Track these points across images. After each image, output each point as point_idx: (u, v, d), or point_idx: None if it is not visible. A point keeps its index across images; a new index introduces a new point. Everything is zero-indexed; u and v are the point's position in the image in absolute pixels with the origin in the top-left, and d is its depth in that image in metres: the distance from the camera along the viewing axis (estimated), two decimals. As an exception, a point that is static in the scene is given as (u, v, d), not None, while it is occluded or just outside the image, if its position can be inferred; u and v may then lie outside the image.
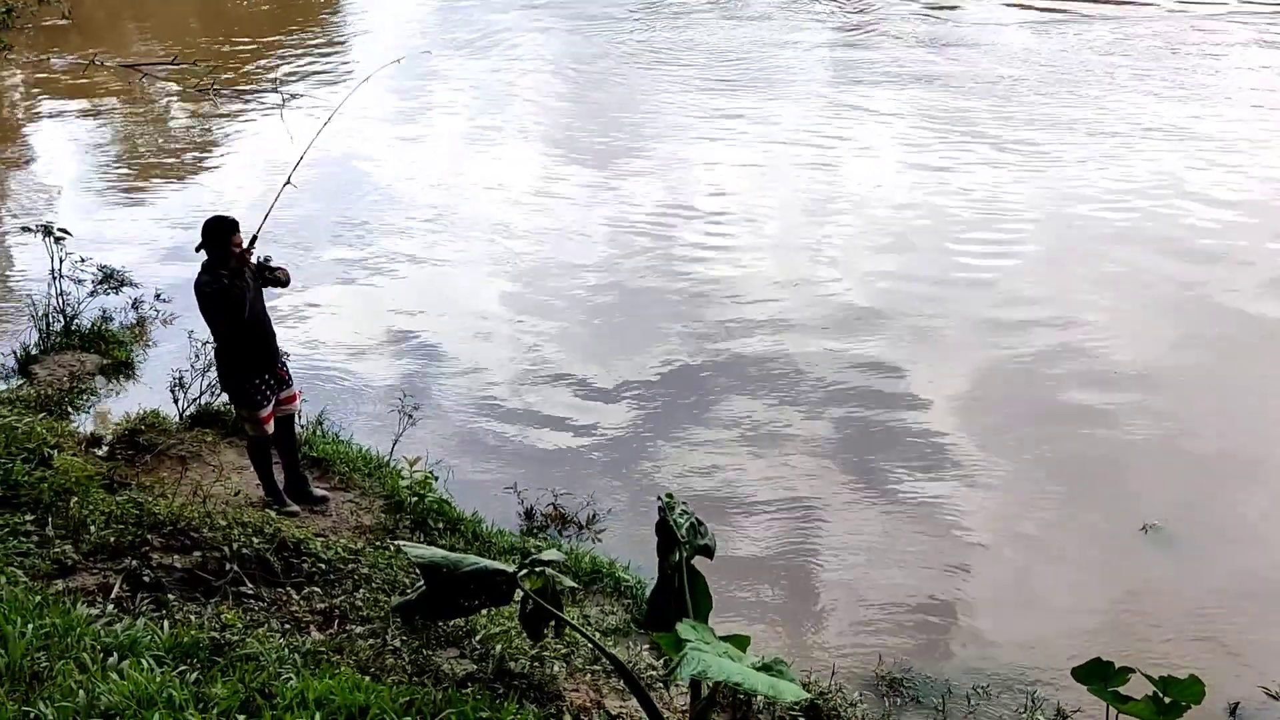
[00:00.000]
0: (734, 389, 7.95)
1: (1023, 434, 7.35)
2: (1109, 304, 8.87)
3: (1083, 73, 14.43)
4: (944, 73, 14.70)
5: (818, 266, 9.73)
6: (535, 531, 6.46)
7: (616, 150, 12.57)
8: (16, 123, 15.36)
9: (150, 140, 14.23)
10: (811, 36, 16.84)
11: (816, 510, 6.67)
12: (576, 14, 19.13)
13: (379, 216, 11.16)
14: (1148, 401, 7.57)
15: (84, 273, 8.79)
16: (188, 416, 7.22)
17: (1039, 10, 17.48)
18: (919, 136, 12.54)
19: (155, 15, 21.77)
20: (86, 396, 7.74)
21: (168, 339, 8.54)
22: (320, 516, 6.26)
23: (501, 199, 11.46)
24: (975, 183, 11.22)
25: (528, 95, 15.01)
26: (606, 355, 8.47)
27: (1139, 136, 12.17)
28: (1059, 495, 6.73)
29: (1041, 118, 12.82)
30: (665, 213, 10.84)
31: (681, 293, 9.31)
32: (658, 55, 16.44)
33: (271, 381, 6.02)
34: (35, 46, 17.70)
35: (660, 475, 7.06)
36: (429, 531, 5.89)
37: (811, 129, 12.84)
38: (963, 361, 8.21)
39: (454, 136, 13.51)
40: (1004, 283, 9.29)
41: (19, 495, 5.08)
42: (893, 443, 7.31)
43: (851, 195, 11.12)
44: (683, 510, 3.07)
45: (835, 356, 8.26)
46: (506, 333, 8.86)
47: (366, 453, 6.95)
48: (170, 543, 4.94)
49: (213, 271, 5.75)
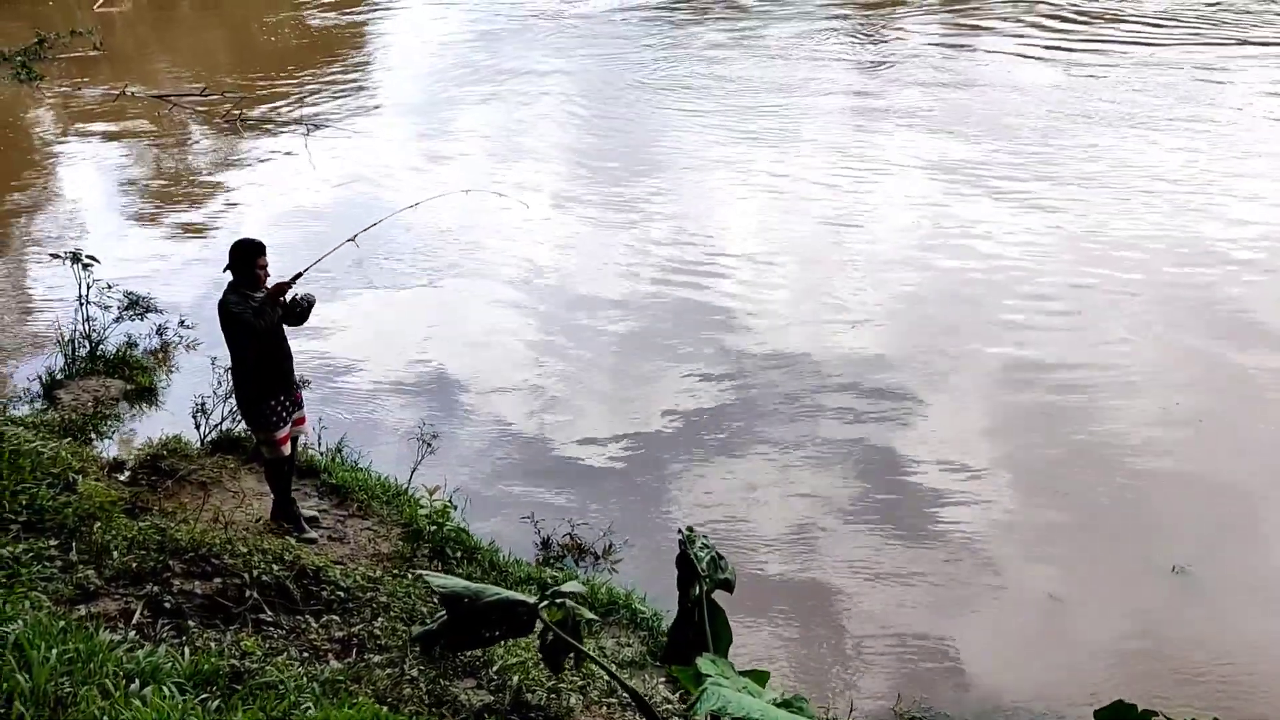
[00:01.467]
0: (750, 422, 7.95)
1: (1043, 470, 7.31)
2: (1132, 344, 8.79)
3: (1103, 113, 14.38)
4: (961, 112, 14.70)
5: (835, 301, 9.72)
6: (551, 561, 6.46)
7: (636, 185, 12.65)
8: (47, 151, 15.63)
9: (177, 169, 14.45)
10: (832, 74, 16.93)
11: (832, 544, 6.65)
12: (602, 51, 19.36)
13: (398, 245, 11.26)
14: (1173, 442, 7.50)
15: (110, 299, 8.91)
16: (209, 442, 7.29)
17: (1053, 46, 17.50)
18: (938, 175, 12.53)
19: (184, 48, 22.16)
20: (110, 422, 7.83)
21: (190, 365, 8.63)
22: (338, 544, 6.29)
23: (521, 230, 11.54)
24: (992, 221, 11.17)
25: (550, 127, 15.16)
26: (623, 387, 8.51)
27: (1155, 178, 12.07)
28: (1082, 533, 6.67)
29: (1061, 159, 12.74)
30: (684, 247, 10.88)
31: (699, 326, 9.33)
32: (681, 92, 16.58)
33: (287, 403, 6.08)
34: (67, 77, 18.05)
35: (676, 506, 7.06)
36: (447, 560, 5.90)
37: (830, 167, 12.85)
38: (982, 397, 8.18)
39: (473, 166, 13.63)
40: (1022, 323, 9.22)
41: (44, 520, 5.13)
42: (910, 477, 7.28)
43: (870, 230, 11.11)
44: (703, 544, 3.07)
45: (852, 390, 8.26)
46: (524, 363, 8.90)
47: (385, 480, 6.98)
48: (191, 569, 4.97)
49: (239, 292, 5.83)
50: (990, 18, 19.83)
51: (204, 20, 26.19)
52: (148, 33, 23.72)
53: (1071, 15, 19.27)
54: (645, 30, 20.74)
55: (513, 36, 20.74)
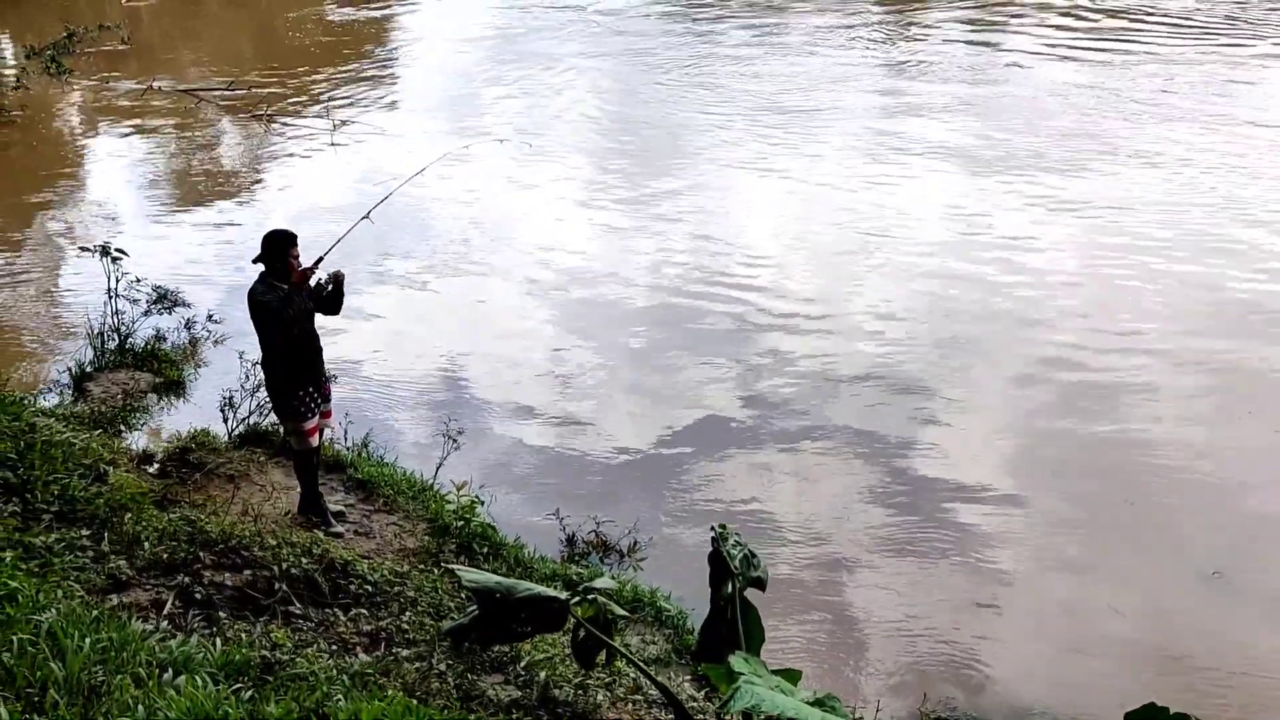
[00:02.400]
0: (772, 420, 7.93)
1: (1073, 473, 7.24)
2: (1161, 344, 8.70)
3: (1129, 111, 14.24)
4: (986, 111, 14.55)
5: (858, 302, 9.66)
6: (576, 558, 6.47)
7: (658, 184, 12.61)
8: (77, 145, 15.79)
9: (204, 163, 14.55)
10: (857, 72, 16.83)
11: (856, 543, 6.62)
12: (624, 48, 19.34)
13: (421, 243, 11.31)
14: (1206, 444, 7.41)
15: (139, 292, 8.97)
16: (236, 436, 7.33)
17: (1079, 45, 17.31)
18: (963, 176, 12.41)
19: (211, 43, 22.32)
20: (139, 414, 7.89)
21: (218, 359, 8.68)
22: (364, 538, 6.32)
23: (546, 229, 11.55)
24: (1018, 223, 11.04)
25: (573, 125, 15.16)
26: (646, 385, 8.50)
27: (1186, 178, 11.91)
28: (1113, 536, 6.61)
29: (1085, 160, 12.59)
30: (706, 247, 10.85)
31: (720, 326, 9.31)
32: (704, 90, 16.54)
33: (315, 395, 6.10)
34: (95, 71, 18.21)
35: (698, 503, 7.06)
36: (474, 556, 5.91)
37: (854, 168, 12.74)
38: (1008, 400, 8.12)
39: (499, 165, 13.65)
40: (1049, 322, 9.14)
41: (76, 510, 5.18)
42: (936, 476, 7.24)
43: (894, 231, 11.01)
44: (736, 541, 3.07)
45: (876, 391, 8.22)
46: (547, 360, 8.91)
47: (410, 476, 7.00)
48: (221, 560, 5.01)
49: (267, 282, 5.85)
50: (1016, 15, 19.68)
51: (229, 15, 26.36)
52: (174, 27, 23.90)
53: (1097, 13, 19.09)
54: (667, 27, 20.70)
55: (536, 33, 20.75)
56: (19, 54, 17.10)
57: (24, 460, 5.32)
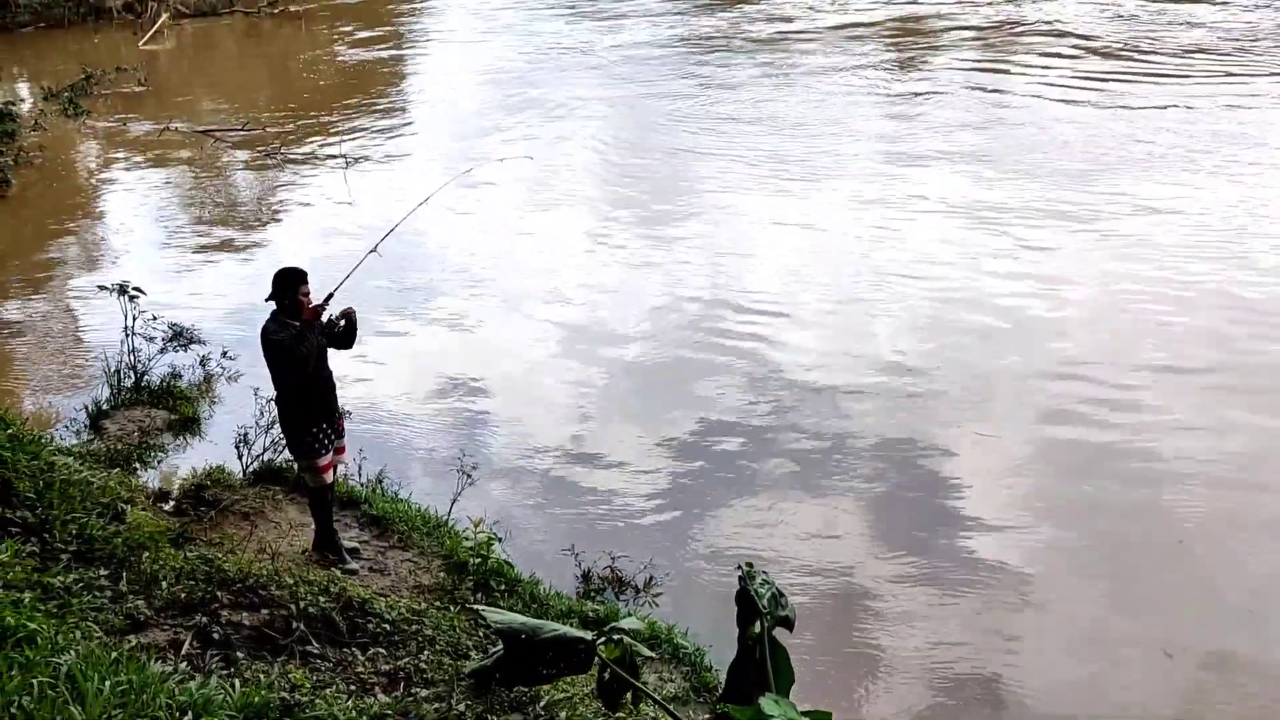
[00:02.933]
0: (783, 455, 7.89)
1: (1099, 509, 7.16)
2: (1168, 384, 8.57)
3: (1139, 151, 14.03)
4: (994, 150, 14.46)
5: (867, 339, 9.59)
6: (592, 594, 6.41)
7: (667, 222, 12.64)
8: (94, 185, 15.96)
9: (220, 201, 14.70)
10: (865, 111, 16.88)
11: (878, 578, 6.56)
12: (634, 85, 19.53)
13: (434, 279, 11.37)
14: (1226, 480, 7.34)
15: (155, 330, 9.02)
16: (251, 472, 7.34)
17: (1086, 84, 17.27)
18: (970, 216, 12.25)
19: (226, 83, 22.62)
20: (155, 452, 7.91)
21: (233, 396, 8.71)
22: (379, 575, 6.29)
23: (554, 264, 11.60)
24: (1029, 261, 10.88)
25: (583, 163, 15.27)
26: (657, 420, 8.47)
27: (1194, 222, 11.58)
28: (1140, 570, 6.54)
29: (1095, 200, 12.32)
30: (715, 284, 10.85)
31: (731, 362, 9.27)
32: (712, 127, 16.66)
33: (329, 430, 6.10)
34: (112, 112, 18.45)
35: (715, 540, 7.01)
36: (491, 593, 5.88)
37: (863, 207, 12.61)
38: (1022, 435, 8.05)
39: (510, 201, 13.74)
40: (1056, 358, 9.06)
41: (94, 550, 5.16)
42: (945, 511, 7.19)
43: (900, 270, 10.88)
44: (764, 580, 3.01)
45: (885, 426, 8.16)
46: (560, 396, 8.91)
47: (425, 512, 6.98)
48: (239, 600, 4.98)
49: (279, 320, 5.87)
50: (1022, 53, 19.75)
51: (245, 56, 26.76)
52: (191, 69, 24.25)
53: (1104, 51, 19.09)
54: (676, 64, 20.90)
55: (544, 71, 20.98)
56: (37, 96, 17.35)
57: (43, 499, 5.31)
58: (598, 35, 24.03)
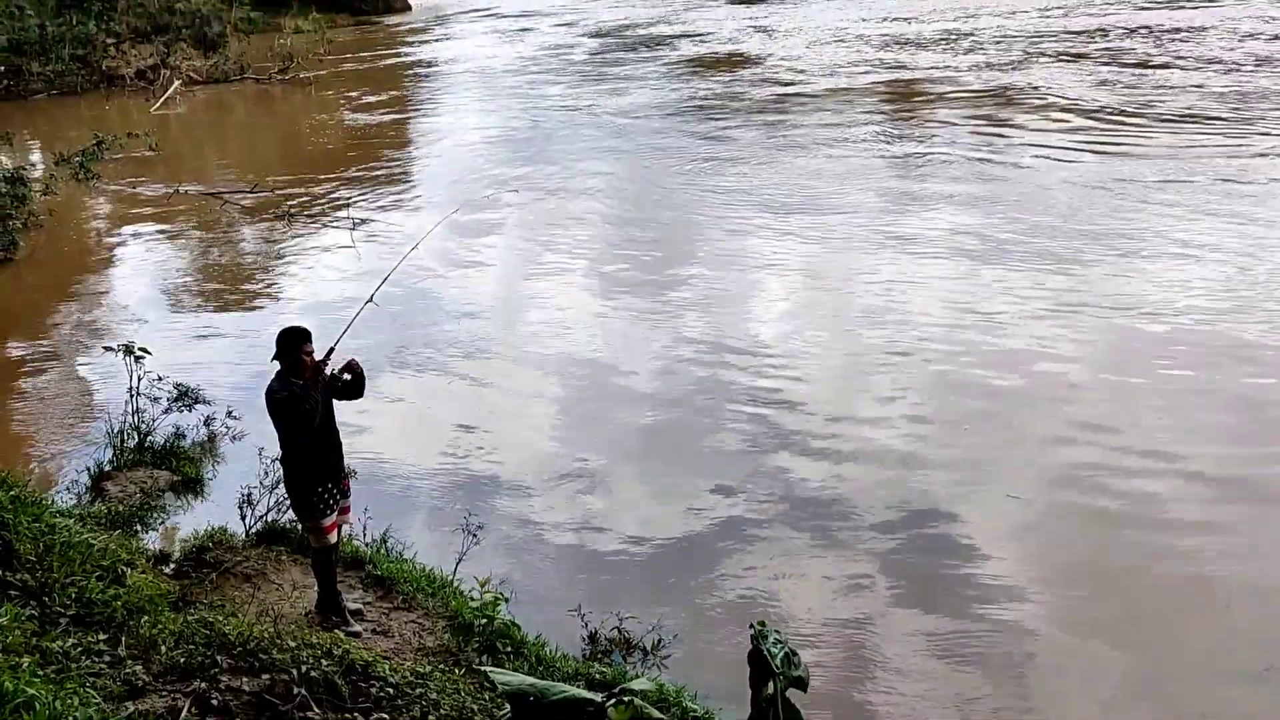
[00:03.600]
0: (790, 515, 7.79)
1: (1101, 570, 7.04)
2: (1182, 445, 8.39)
3: (1137, 209, 13.93)
4: (995, 209, 14.50)
5: (872, 395, 9.51)
6: (599, 656, 6.29)
7: (670, 278, 12.71)
8: (103, 247, 16.13)
9: (227, 262, 14.83)
10: (866, 170, 17.04)
11: (883, 636, 6.44)
12: (638, 147, 19.80)
13: (440, 335, 11.39)
14: (1236, 543, 7.20)
15: (160, 390, 9.01)
16: (254, 533, 7.26)
17: (1084, 144, 17.36)
18: (973, 273, 12.21)
19: (235, 147, 22.98)
20: (157, 513, 7.85)
21: (237, 456, 8.67)
22: (383, 637, 6.18)
23: (560, 319, 11.63)
24: (1031, 319, 10.79)
25: (586, 222, 15.41)
26: (662, 479, 8.40)
27: (1194, 287, 11.31)
28: (1156, 633, 6.40)
29: (1094, 258, 12.26)
30: (719, 340, 10.82)
31: (738, 419, 9.18)
32: (715, 184, 16.84)
33: (335, 491, 6.05)
34: (123, 176, 18.71)
35: (722, 601, 6.89)
36: (497, 654, 5.76)
37: (865, 265, 12.67)
38: (1029, 493, 7.93)
39: (514, 261, 13.85)
40: (1067, 413, 8.97)
41: (93, 613, 5.08)
42: (959, 570, 7.06)
43: (906, 326, 10.86)
44: (776, 639, 2.95)
45: (894, 482, 8.05)
46: (564, 453, 8.83)
47: (430, 572, 6.89)
48: (239, 664, 4.88)
49: (284, 380, 5.86)
50: (1021, 112, 20.02)
51: (254, 121, 27.24)
52: (202, 133, 24.66)
53: (1101, 112, 19.29)
54: (677, 126, 21.21)
55: (549, 134, 21.31)
56: (49, 161, 17.60)
57: (43, 562, 5.26)
58: (601, 98, 24.47)
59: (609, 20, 41.11)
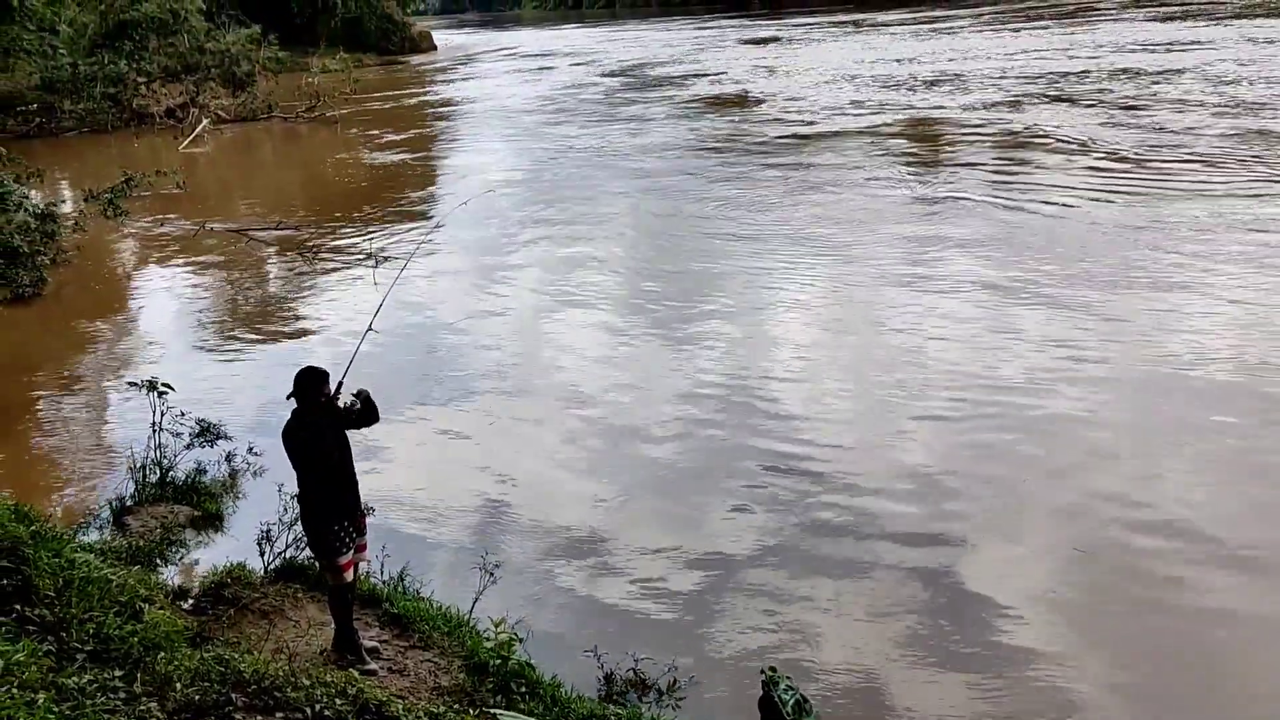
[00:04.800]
0: (808, 551, 7.70)
1: (1117, 614, 6.93)
2: (1203, 491, 8.29)
3: (1163, 254, 13.79)
4: (1017, 250, 14.49)
5: (890, 434, 9.43)
6: (615, 697, 6.23)
7: (690, 315, 12.75)
8: (129, 283, 16.36)
9: (251, 299, 14.99)
10: (885, 211, 17.06)
11: (897, 683, 6.32)
12: (659, 185, 19.94)
13: (459, 375, 11.44)
14: (1258, 588, 7.09)
15: (182, 426, 9.08)
16: (273, 570, 7.27)
17: (1110, 187, 17.29)
18: (993, 315, 12.17)
19: (261, 185, 23.32)
20: (176, 548, 7.88)
21: (257, 492, 8.71)
22: (399, 676, 6.16)
23: (577, 361, 11.64)
24: (1052, 363, 10.71)
25: (607, 258, 15.50)
26: (679, 516, 8.32)
27: (1213, 331, 11.16)
28: (1187, 688, 6.28)
29: (1121, 309, 11.99)
30: (736, 381, 10.78)
31: (756, 460, 9.10)
32: (736, 223, 16.91)
33: (350, 529, 6.06)
34: (151, 212, 19.01)
35: (738, 642, 6.80)
36: (511, 695, 5.73)
37: (884, 305, 12.65)
38: (1048, 535, 7.85)
39: (532, 300, 13.91)
40: (1088, 465, 8.84)
41: (110, 650, 5.09)
42: (975, 616, 6.94)
43: (925, 365, 10.82)
44: (787, 686, 2.93)
45: (912, 527, 7.93)
46: (583, 493, 8.80)
47: (446, 611, 6.87)
48: (254, 702, 4.87)
49: (300, 419, 5.90)
50: (1043, 154, 20.03)
51: (280, 160, 27.68)
52: (229, 171, 25.05)
53: (1127, 157, 19.21)
54: (695, 166, 21.39)
55: (567, 174, 21.53)
56: (78, 198, 17.94)
57: (61, 598, 5.28)
58: (618, 138, 24.73)
59: (625, 59, 41.64)
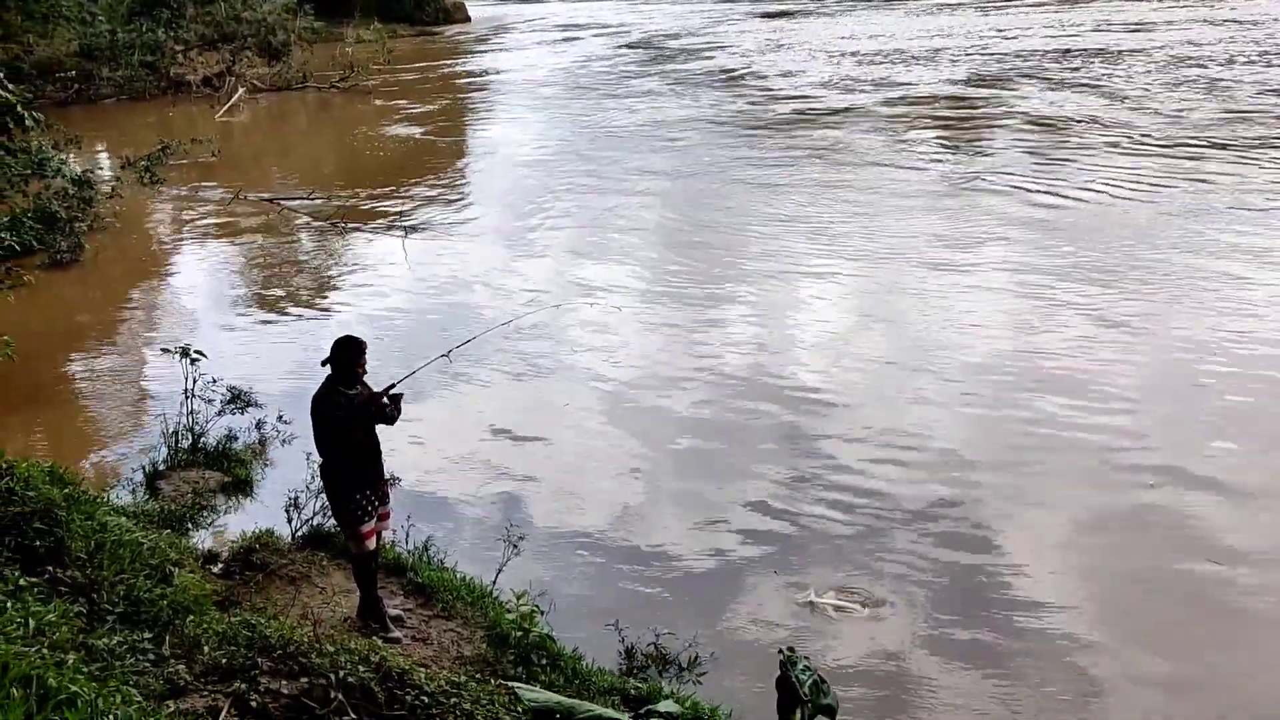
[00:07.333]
0: (831, 537, 7.68)
1: (1147, 593, 6.86)
2: (1236, 481, 8.19)
3: (1201, 244, 13.42)
4: (1049, 238, 14.12)
5: (915, 422, 9.29)
6: (635, 671, 6.26)
7: (719, 296, 12.64)
8: (164, 250, 16.54)
9: (283, 268, 15.10)
10: (919, 189, 16.84)
11: (916, 663, 6.31)
12: (686, 162, 19.80)
13: (484, 349, 11.43)
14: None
15: (214, 393, 9.20)
16: (300, 537, 7.37)
17: (1148, 179, 16.72)
18: (1023, 302, 11.92)
19: (295, 155, 23.44)
20: (207, 513, 8.00)
21: (286, 459, 8.80)
22: (422, 644, 6.23)
23: (603, 339, 11.61)
24: (1079, 352, 10.48)
25: (636, 237, 15.42)
26: (704, 496, 8.32)
27: (1253, 326, 10.82)
28: (1197, 661, 6.21)
29: (1153, 293, 11.83)
30: (764, 361, 10.72)
31: (780, 440, 9.08)
32: (765, 200, 16.77)
33: (373, 498, 6.09)
34: (186, 181, 19.18)
35: (760, 620, 6.82)
36: (531, 667, 5.77)
37: (912, 288, 12.48)
38: (1071, 520, 7.76)
39: (561, 273, 13.89)
40: (1111, 447, 8.72)
41: (140, 612, 5.18)
42: (997, 596, 6.89)
43: (951, 350, 10.67)
44: (805, 666, 2.92)
45: (935, 510, 7.89)
46: (608, 468, 8.81)
47: (469, 581, 6.92)
48: (279, 666, 4.94)
49: (335, 389, 5.92)
50: (1080, 137, 19.59)
51: (314, 130, 27.79)
52: (264, 140, 25.20)
53: (1169, 144, 18.69)
54: (719, 140, 21.19)
55: (598, 148, 21.41)
56: (115, 165, 18.12)
57: (93, 560, 5.38)
58: (642, 112, 24.57)
59: (651, 30, 41.46)
